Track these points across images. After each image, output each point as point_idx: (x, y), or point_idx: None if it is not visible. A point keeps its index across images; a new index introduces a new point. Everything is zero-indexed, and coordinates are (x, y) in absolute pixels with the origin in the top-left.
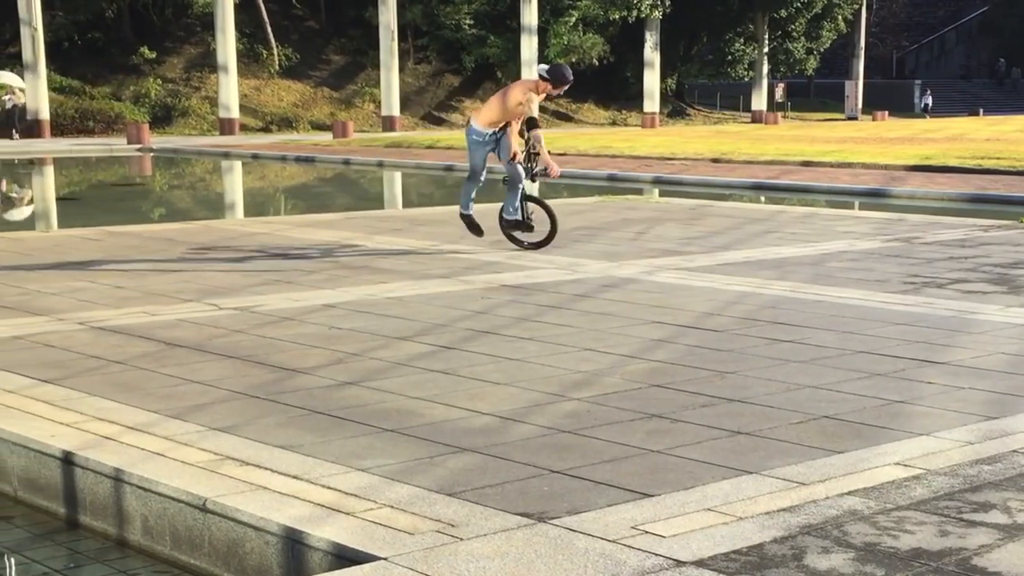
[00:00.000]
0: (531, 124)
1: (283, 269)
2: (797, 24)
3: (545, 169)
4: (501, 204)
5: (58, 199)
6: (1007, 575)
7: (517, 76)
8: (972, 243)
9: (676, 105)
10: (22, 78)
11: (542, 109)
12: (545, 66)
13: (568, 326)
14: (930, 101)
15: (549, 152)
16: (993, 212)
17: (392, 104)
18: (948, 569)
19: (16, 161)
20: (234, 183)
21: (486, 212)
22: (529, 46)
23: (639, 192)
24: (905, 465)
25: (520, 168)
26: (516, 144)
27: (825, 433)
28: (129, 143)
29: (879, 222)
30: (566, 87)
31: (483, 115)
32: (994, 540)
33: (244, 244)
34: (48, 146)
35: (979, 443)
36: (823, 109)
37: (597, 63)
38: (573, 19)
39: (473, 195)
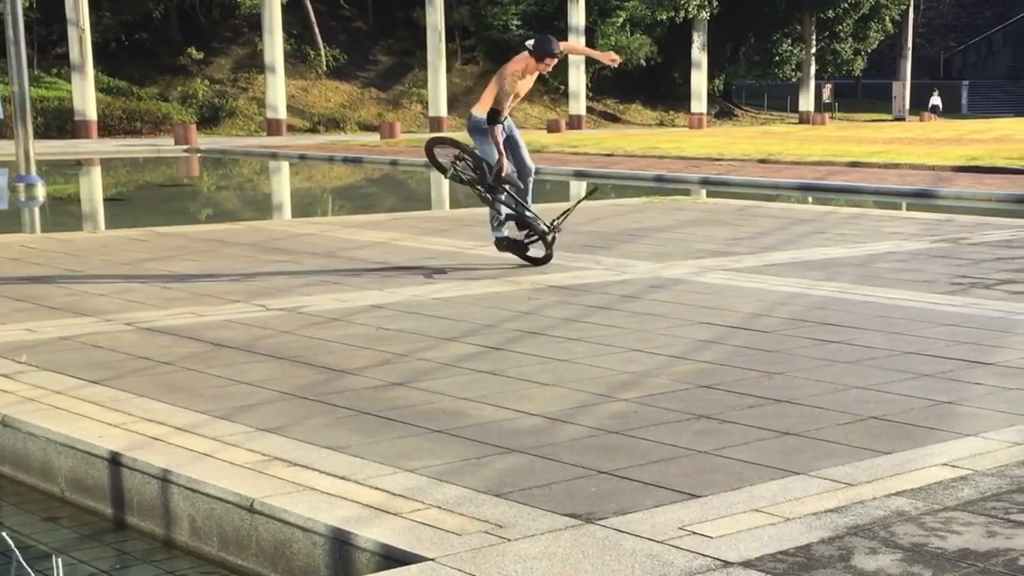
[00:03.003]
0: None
1: (330, 270)
2: (844, 25)
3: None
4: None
5: (105, 200)
6: None
7: (564, 77)
8: (1020, 243)
9: (723, 106)
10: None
11: (588, 110)
12: (531, 41)
13: (615, 327)
14: (939, 102)
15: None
16: None
17: (439, 105)
18: (996, 570)
19: (75, 162)
20: (281, 184)
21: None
22: None
23: (686, 193)
24: (953, 466)
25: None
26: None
27: (873, 434)
28: (176, 144)
29: (927, 223)
30: (553, 62)
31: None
32: None
33: (291, 245)
34: (95, 147)
35: None
36: (870, 110)
37: (644, 64)
38: (621, 20)
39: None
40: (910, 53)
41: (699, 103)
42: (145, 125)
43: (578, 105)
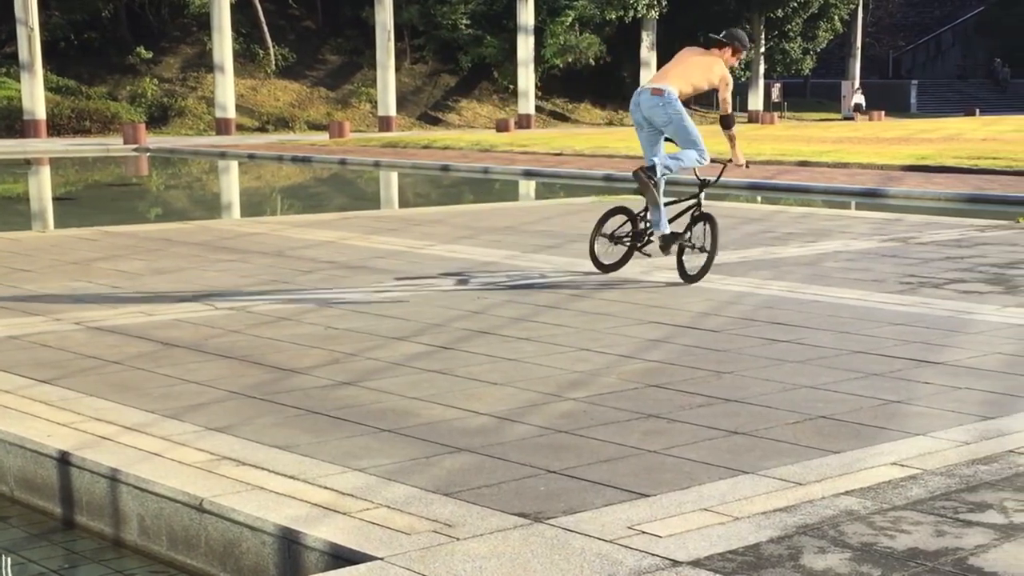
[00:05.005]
0: (727, 123)
1: (279, 269)
2: (793, 24)
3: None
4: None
5: (55, 199)
6: (1003, 575)
7: (514, 76)
8: (968, 243)
9: None
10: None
11: (537, 109)
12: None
13: (565, 326)
14: (863, 101)
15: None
16: (989, 212)
17: (388, 104)
18: (944, 569)
19: (25, 161)
20: (230, 183)
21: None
22: (525, 46)
23: (636, 192)
24: (902, 465)
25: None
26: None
27: (822, 433)
28: (125, 143)
29: (876, 222)
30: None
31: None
32: (990, 540)
33: (240, 244)
34: (44, 146)
35: (975, 443)
36: (819, 109)
37: (593, 63)
38: (570, 19)
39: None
40: (859, 52)
41: None
42: (94, 124)
43: (527, 104)
